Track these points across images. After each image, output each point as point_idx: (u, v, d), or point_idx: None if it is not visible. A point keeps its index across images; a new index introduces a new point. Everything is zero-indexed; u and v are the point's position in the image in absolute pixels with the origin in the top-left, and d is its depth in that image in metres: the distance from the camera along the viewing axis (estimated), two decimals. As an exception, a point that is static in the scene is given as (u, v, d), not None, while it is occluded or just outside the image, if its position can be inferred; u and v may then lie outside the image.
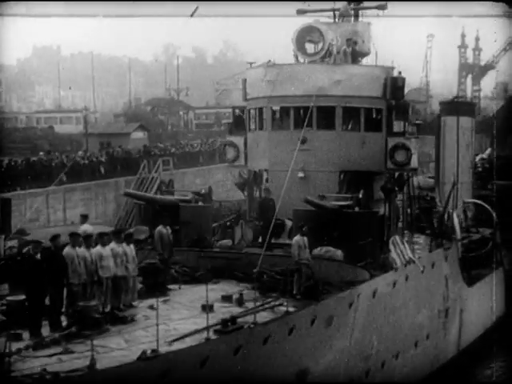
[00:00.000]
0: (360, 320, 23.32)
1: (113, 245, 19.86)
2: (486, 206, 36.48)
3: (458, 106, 41.24)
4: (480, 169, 44.10)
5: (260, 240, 26.19)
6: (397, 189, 29.34)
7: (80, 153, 56.94)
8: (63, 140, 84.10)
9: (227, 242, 26.19)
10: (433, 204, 41.74)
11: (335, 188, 28.10)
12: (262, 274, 22.74)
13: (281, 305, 20.60)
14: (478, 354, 32.15)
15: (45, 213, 44.58)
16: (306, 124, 28.30)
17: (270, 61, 28.67)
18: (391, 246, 25.91)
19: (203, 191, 27.16)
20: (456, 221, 31.81)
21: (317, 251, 24.11)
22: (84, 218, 23.84)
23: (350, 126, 28.67)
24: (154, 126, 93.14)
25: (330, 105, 28.14)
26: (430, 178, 44.71)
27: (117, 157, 54.83)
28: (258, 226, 27.19)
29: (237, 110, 30.22)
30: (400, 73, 28.97)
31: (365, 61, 31.21)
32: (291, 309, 20.64)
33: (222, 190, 47.57)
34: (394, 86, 28.54)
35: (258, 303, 20.37)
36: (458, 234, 31.67)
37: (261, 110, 29.04)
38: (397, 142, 28.43)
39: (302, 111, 28.64)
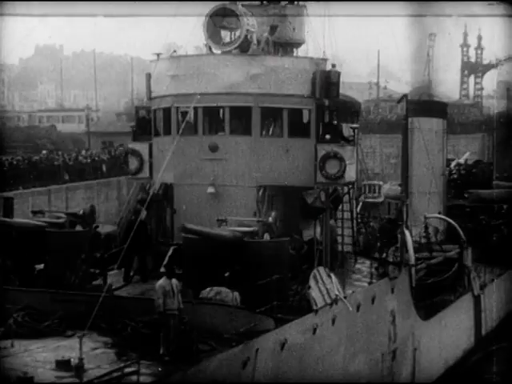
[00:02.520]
0: (261, 381, 17.20)
1: None
2: (451, 221, 30.01)
3: (427, 106, 34.89)
4: (455, 175, 37.60)
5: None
6: (331, 207, 23.13)
7: (83, 152, 54.74)
8: (66, 139, 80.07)
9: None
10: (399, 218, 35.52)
11: (253, 207, 21.93)
12: (127, 326, 16.63)
13: (135, 373, 14.52)
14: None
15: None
16: (216, 128, 22.38)
17: (174, 51, 22.48)
18: (312, 282, 19.70)
19: (81, 212, 20.90)
20: (409, 242, 25.48)
21: (205, 293, 17.97)
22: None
23: (270, 131, 22.41)
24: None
25: (246, 105, 21.95)
26: (399, 185, 38.23)
27: (118, 155, 52.32)
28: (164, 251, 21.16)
29: (141, 111, 24.03)
30: (334, 66, 22.66)
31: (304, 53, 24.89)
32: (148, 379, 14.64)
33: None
34: (326, 81, 22.25)
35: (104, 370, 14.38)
36: (412, 257, 25.33)
37: (167, 110, 22.85)
38: (328, 151, 22.13)
39: (213, 113, 22.49)
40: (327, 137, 22.49)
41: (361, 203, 38.18)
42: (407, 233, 25.79)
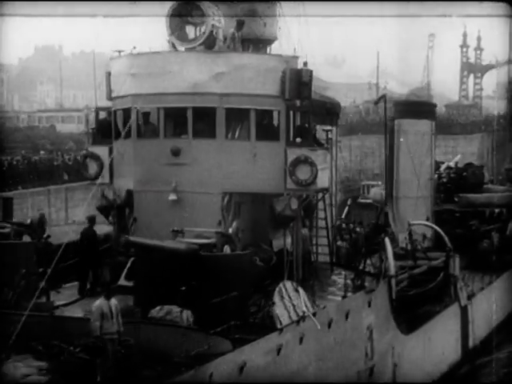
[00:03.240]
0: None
1: None
2: (436, 227, 28.11)
3: (414, 107, 33.02)
4: (445, 179, 35.63)
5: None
6: (303, 215, 21.33)
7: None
8: (65, 139, 78.76)
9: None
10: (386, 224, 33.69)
11: (218, 215, 20.10)
12: (63, 350, 14.84)
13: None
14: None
15: (46, 212, 42.18)
16: (179, 131, 20.60)
17: (134, 47, 20.68)
18: (276, 298, 17.88)
19: (29, 221, 19.06)
20: (389, 251, 23.62)
21: (154, 312, 16.16)
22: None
23: (236, 134, 20.57)
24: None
25: (209, 105, 20.11)
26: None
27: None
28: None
29: (102, 112, 22.21)
30: (306, 64, 20.80)
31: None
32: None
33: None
34: (297, 80, 20.39)
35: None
36: (392, 267, 23.45)
37: (127, 111, 21.02)
38: (298, 155, 20.28)
39: (176, 114, 20.66)
40: (298, 140, 20.63)
41: (347, 207, 36.38)
42: (387, 241, 23.94)
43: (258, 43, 22.36)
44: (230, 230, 18.06)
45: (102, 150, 21.62)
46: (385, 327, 22.66)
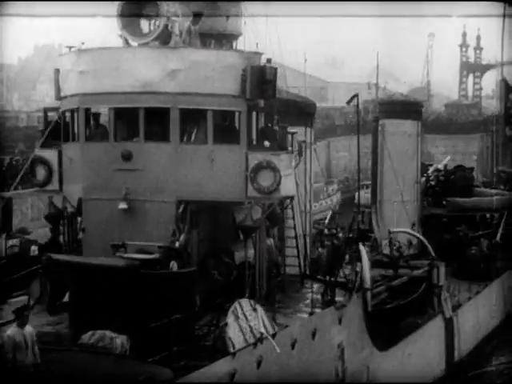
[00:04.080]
0: None
1: None
2: (418, 235, 26.05)
3: (400, 107, 31.00)
4: (433, 182, 33.56)
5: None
6: (267, 225, 19.30)
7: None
8: None
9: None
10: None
11: (172, 225, 18.09)
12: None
13: None
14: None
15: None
16: (132, 134, 18.64)
17: (83, 43, 18.67)
18: (230, 318, 15.90)
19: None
20: (365, 261, 21.61)
21: (85, 338, 14.17)
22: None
23: (193, 137, 18.55)
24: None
25: (162, 106, 18.10)
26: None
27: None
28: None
29: (51, 113, 20.24)
30: (269, 61, 18.79)
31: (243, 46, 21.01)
32: None
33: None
34: (260, 78, 18.37)
35: None
36: (368, 279, 21.44)
37: (76, 112, 19.03)
38: (260, 160, 18.27)
39: (128, 115, 18.68)
40: (266, 144, 18.67)
41: (329, 213, 34.38)
42: (362, 249, 21.94)
43: (221, 39, 20.33)
44: (177, 244, 16.08)
45: (50, 155, 19.63)
46: (358, 344, 20.67)
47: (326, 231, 31.10)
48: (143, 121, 18.04)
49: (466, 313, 27.51)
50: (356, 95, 22.04)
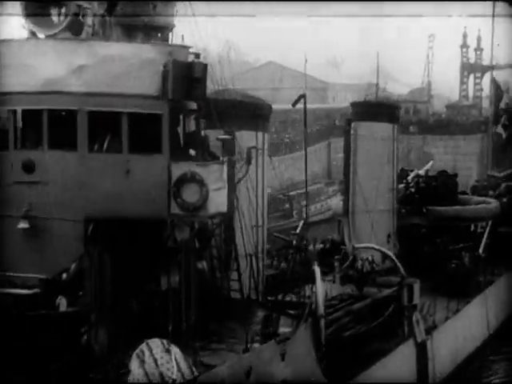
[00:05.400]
0: None
1: None
2: (385, 250, 22.79)
3: (374, 109, 27.84)
4: (413, 189, 30.30)
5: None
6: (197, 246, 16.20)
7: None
8: None
9: None
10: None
11: (80, 247, 15.01)
12: None
13: None
14: None
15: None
16: (37, 141, 15.58)
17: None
18: (134, 364, 12.85)
19: None
20: (319, 284, 18.45)
21: None
22: None
23: (105, 145, 15.45)
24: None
25: (68, 108, 15.05)
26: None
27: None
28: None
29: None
30: (198, 56, 15.70)
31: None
32: None
33: None
34: (185, 76, 15.27)
35: None
36: (321, 305, 18.27)
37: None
38: (185, 172, 15.17)
39: (32, 119, 15.61)
40: (191, 152, 15.59)
41: (301, 222, 31.19)
42: (317, 271, 18.78)
43: (150, 31, 17.19)
44: (65, 275, 13.05)
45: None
46: (307, 382, 17.52)
47: (294, 242, 28.13)
48: (47, 125, 15.01)
49: (443, 334, 24.33)
50: (303, 96, 18.89)
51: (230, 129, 18.91)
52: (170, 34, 17.92)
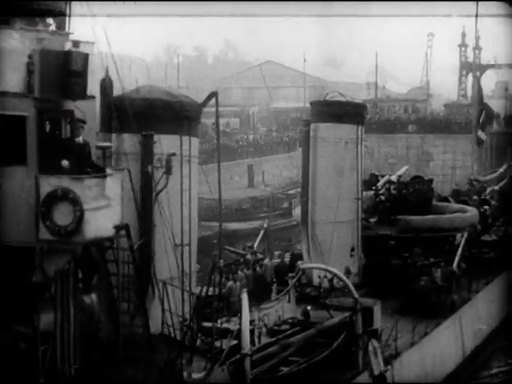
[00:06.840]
0: None
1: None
2: (334, 271, 19.29)
3: (335, 109, 24.46)
4: (383, 197, 26.86)
5: None
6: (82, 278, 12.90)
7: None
8: None
9: None
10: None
11: None
12: None
13: None
14: None
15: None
16: None
17: None
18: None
19: None
20: (246, 313, 15.17)
21: None
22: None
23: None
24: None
25: None
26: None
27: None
28: None
29: None
30: (77, 45, 12.40)
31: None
32: None
33: None
34: (59, 69, 12.00)
35: None
36: (247, 342, 14.98)
37: None
38: (54, 188, 11.89)
39: None
40: (64, 163, 12.29)
41: (263, 230, 27.89)
42: (245, 298, 15.53)
43: (35, 15, 13.84)
44: None
45: None
46: None
47: (248, 256, 24.91)
48: None
49: (406, 363, 20.96)
50: (214, 94, 15.58)
51: (148, 132, 15.83)
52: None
